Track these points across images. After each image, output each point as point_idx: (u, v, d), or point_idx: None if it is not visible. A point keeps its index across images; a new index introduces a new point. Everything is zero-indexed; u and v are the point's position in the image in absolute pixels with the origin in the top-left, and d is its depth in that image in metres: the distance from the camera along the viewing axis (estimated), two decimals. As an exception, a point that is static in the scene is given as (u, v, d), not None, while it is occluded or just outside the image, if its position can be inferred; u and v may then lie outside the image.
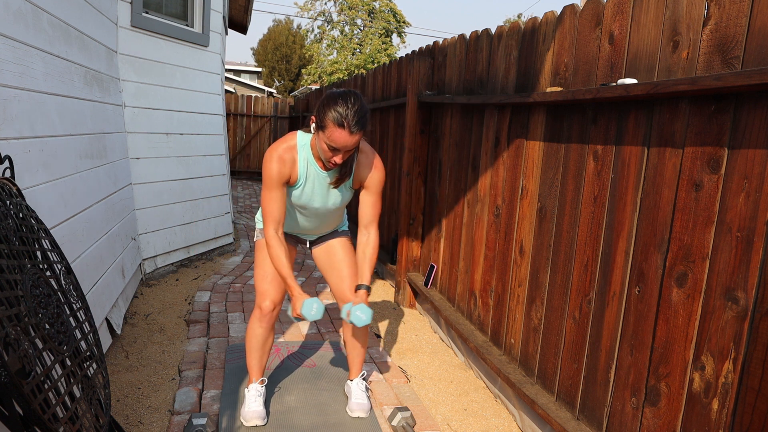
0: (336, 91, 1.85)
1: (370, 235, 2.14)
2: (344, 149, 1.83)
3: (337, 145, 1.81)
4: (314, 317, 1.91)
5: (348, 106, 1.77)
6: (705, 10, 1.50)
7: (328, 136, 1.81)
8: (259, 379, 2.26)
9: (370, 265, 2.12)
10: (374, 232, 2.14)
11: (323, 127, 1.82)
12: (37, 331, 1.35)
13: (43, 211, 2.12)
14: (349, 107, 1.77)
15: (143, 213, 3.95)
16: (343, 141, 1.80)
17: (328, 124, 1.79)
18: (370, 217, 2.13)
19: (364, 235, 2.15)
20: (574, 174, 2.06)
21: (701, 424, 1.49)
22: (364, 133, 1.85)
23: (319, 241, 2.33)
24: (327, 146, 1.84)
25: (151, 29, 3.97)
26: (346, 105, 1.77)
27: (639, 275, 1.73)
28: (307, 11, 26.06)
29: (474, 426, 2.36)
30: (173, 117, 4.32)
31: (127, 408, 2.27)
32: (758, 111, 1.34)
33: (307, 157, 2.00)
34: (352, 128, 1.78)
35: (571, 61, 2.08)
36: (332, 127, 1.79)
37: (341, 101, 1.78)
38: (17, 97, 2.01)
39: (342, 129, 1.78)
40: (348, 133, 1.79)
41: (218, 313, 3.39)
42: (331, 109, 1.78)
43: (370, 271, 2.12)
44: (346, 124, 1.77)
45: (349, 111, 1.77)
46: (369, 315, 1.99)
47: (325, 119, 1.80)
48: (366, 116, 1.82)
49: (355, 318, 1.99)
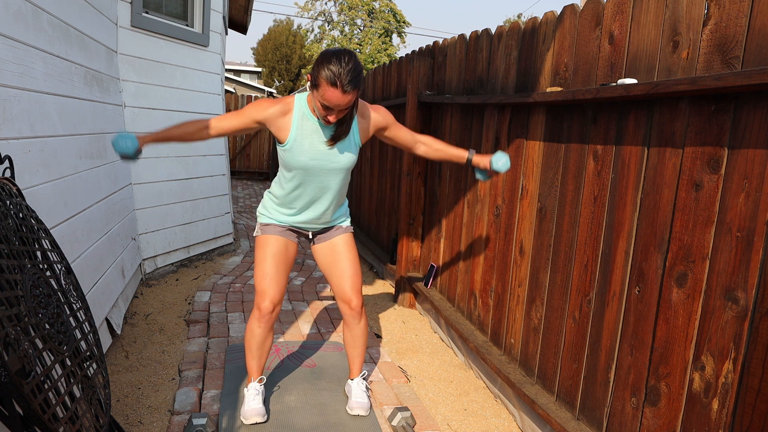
0: (330, 50, 1.82)
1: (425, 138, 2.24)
2: (338, 108, 1.82)
3: (331, 104, 1.80)
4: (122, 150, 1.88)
5: (341, 65, 1.75)
6: (705, 10, 1.51)
7: (321, 94, 1.80)
8: (258, 378, 2.26)
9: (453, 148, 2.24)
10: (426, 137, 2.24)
11: (317, 85, 1.80)
12: (37, 331, 1.35)
13: (43, 211, 2.12)
14: (343, 66, 1.75)
15: (143, 213, 3.95)
16: (336, 100, 1.79)
17: (321, 82, 1.78)
18: (411, 136, 2.21)
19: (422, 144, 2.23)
20: (574, 174, 2.06)
21: (701, 424, 1.49)
22: (358, 92, 1.82)
23: (321, 236, 2.26)
24: (321, 104, 1.83)
25: (151, 29, 3.97)
26: (340, 64, 1.75)
27: (639, 275, 1.73)
28: (307, 11, 26.08)
29: (474, 426, 2.36)
30: (173, 117, 4.32)
31: (127, 408, 2.27)
32: (758, 111, 1.34)
33: (303, 111, 1.97)
34: (345, 87, 1.76)
35: (571, 61, 2.08)
36: (325, 86, 1.77)
37: (335, 59, 1.76)
38: (17, 97, 2.01)
39: (335, 88, 1.76)
40: (341, 92, 1.77)
41: (218, 313, 3.39)
42: (324, 67, 1.77)
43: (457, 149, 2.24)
44: (339, 83, 1.75)
45: (342, 69, 1.75)
46: (507, 157, 2.12)
47: (319, 77, 1.79)
48: (360, 75, 1.80)
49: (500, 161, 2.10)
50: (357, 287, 2.21)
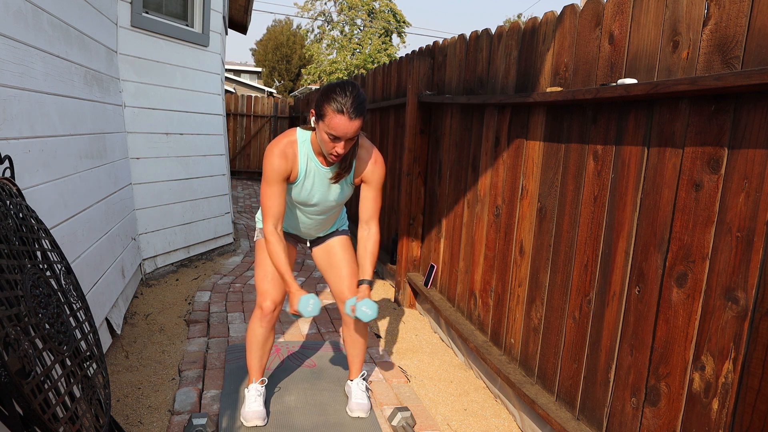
0: (333, 82, 1.88)
1: (371, 230, 2.15)
2: (345, 137, 1.85)
3: (338, 132, 1.83)
4: (311, 314, 1.92)
5: (346, 94, 1.81)
6: (705, 10, 1.50)
7: (327, 124, 1.83)
8: (259, 379, 2.26)
9: (371, 259, 2.13)
10: (375, 227, 2.15)
11: (322, 116, 1.84)
12: (37, 331, 1.35)
13: (43, 211, 2.12)
14: (347, 95, 1.81)
15: (143, 213, 3.95)
16: (343, 128, 1.82)
17: (327, 112, 1.82)
18: (370, 212, 2.15)
19: (365, 230, 2.16)
20: (574, 174, 2.06)
21: (701, 424, 1.49)
22: (363, 120, 1.86)
23: (319, 240, 2.33)
24: (327, 136, 1.85)
25: (151, 29, 3.97)
26: (344, 93, 1.81)
27: (639, 275, 1.73)
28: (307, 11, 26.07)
29: (474, 426, 2.36)
30: (173, 117, 4.32)
31: (127, 408, 2.27)
32: (758, 111, 1.34)
33: (307, 152, 2.02)
34: (351, 114, 1.80)
35: (571, 61, 2.08)
36: (332, 115, 1.81)
37: (339, 90, 1.82)
38: (17, 97, 2.01)
39: (341, 115, 1.80)
40: (347, 119, 1.81)
41: (218, 313, 3.39)
42: (329, 98, 1.82)
43: (372, 266, 2.13)
44: (345, 110, 1.79)
45: (347, 98, 1.80)
46: (375, 309, 1.99)
47: (324, 108, 1.83)
48: (364, 103, 1.85)
49: (361, 313, 1.99)
50: (355, 287, 2.22)
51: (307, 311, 1.91)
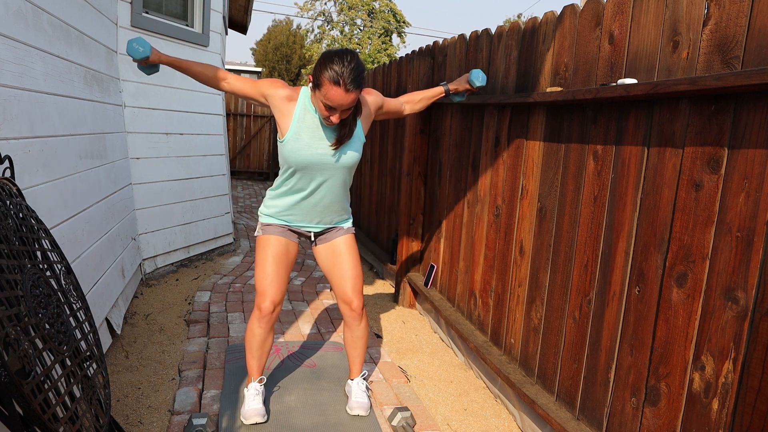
0: (332, 50, 1.83)
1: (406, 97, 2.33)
2: (340, 108, 1.82)
3: (333, 103, 1.79)
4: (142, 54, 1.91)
5: (344, 64, 1.75)
6: (705, 10, 1.51)
7: (324, 94, 1.79)
8: (258, 378, 2.26)
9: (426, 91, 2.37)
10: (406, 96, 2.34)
11: (319, 85, 1.80)
12: (37, 331, 1.35)
13: (43, 211, 2.12)
14: (345, 65, 1.75)
15: (143, 213, 3.95)
16: (339, 99, 1.78)
17: (323, 82, 1.78)
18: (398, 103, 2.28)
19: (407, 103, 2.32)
20: (574, 174, 2.06)
21: (701, 424, 1.49)
22: (361, 92, 1.82)
23: (322, 237, 2.25)
24: (323, 105, 1.82)
25: (151, 29, 3.97)
26: (342, 63, 1.76)
27: (639, 275, 1.73)
28: (307, 11, 26.06)
29: (474, 426, 2.36)
30: (173, 117, 4.32)
31: (127, 408, 2.27)
32: (758, 111, 1.34)
33: (306, 104, 1.98)
34: (348, 86, 1.76)
35: (571, 61, 2.08)
36: (328, 85, 1.77)
37: (337, 59, 1.77)
38: (17, 97, 2.01)
39: (338, 87, 1.76)
40: (344, 91, 1.77)
41: (218, 313, 3.39)
42: (326, 67, 1.77)
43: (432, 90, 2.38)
44: (342, 81, 1.75)
45: (345, 69, 1.75)
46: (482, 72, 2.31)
47: (321, 77, 1.78)
48: (362, 74, 1.80)
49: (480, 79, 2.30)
50: (358, 289, 2.21)
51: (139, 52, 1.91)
